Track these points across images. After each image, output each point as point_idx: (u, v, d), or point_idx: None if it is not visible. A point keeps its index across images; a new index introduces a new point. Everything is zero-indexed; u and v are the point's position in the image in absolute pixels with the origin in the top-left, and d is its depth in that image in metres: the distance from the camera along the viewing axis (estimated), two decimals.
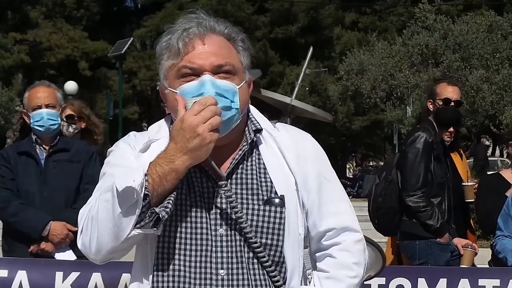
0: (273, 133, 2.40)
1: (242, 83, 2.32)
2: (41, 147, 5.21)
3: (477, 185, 5.90)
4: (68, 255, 5.09)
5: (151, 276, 2.27)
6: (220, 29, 2.34)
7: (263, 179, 2.33)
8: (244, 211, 2.28)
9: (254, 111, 2.44)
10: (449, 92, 5.77)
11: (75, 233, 5.05)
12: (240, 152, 2.33)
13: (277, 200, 2.30)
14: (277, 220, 2.29)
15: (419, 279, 4.37)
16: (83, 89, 35.85)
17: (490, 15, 26.37)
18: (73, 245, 5.12)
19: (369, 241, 2.52)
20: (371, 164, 43.97)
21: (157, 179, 2.16)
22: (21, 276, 4.40)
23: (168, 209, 2.17)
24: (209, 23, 2.33)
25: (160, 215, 2.16)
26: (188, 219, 2.26)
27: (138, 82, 41.39)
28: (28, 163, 5.16)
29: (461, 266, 5.48)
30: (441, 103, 5.74)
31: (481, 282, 4.40)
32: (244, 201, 2.29)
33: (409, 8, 36.18)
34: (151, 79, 41.96)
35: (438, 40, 25.98)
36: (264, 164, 2.35)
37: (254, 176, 2.33)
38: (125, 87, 37.45)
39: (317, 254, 2.43)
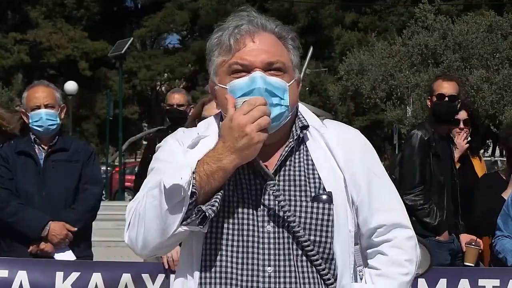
0: (320, 129, 2.39)
1: (292, 81, 2.33)
2: (40, 147, 5.21)
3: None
4: (68, 255, 5.08)
5: (197, 272, 2.27)
6: (271, 27, 2.35)
7: (311, 176, 2.32)
8: (292, 208, 2.27)
9: (302, 108, 2.44)
10: (443, 87, 5.81)
11: (74, 233, 5.06)
12: (287, 148, 2.33)
13: (324, 197, 2.29)
14: (325, 217, 2.28)
15: (419, 279, 4.36)
16: (83, 89, 35.87)
17: (490, 15, 26.34)
18: (72, 245, 5.12)
19: (418, 239, 2.51)
20: None
21: (204, 177, 2.17)
22: (22, 276, 4.40)
23: (214, 208, 2.17)
24: (260, 21, 2.34)
25: (207, 213, 2.16)
26: (235, 215, 2.26)
27: (138, 82, 41.39)
28: (27, 163, 5.14)
29: (464, 263, 5.49)
30: (435, 99, 5.79)
31: (481, 282, 4.40)
32: (292, 197, 2.29)
33: (409, 8, 36.14)
34: (151, 79, 41.99)
35: (438, 40, 25.98)
36: (312, 160, 2.34)
37: (302, 173, 2.32)
38: (125, 87, 37.45)
39: (368, 251, 2.42)
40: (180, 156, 2.30)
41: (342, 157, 2.35)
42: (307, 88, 36.01)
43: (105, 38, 39.63)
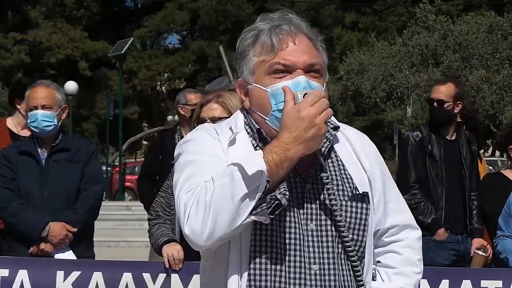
0: (345, 131, 2.44)
1: (325, 84, 2.36)
2: (42, 147, 5.19)
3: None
4: (68, 256, 5.06)
5: (246, 272, 2.27)
6: (306, 29, 2.36)
7: (344, 176, 2.36)
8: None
9: None
10: (434, 92, 5.89)
11: (74, 234, 5.04)
12: (323, 149, 2.35)
13: (361, 197, 2.35)
14: (363, 216, 2.33)
15: (421, 280, 4.35)
16: (83, 89, 35.85)
17: (490, 15, 26.37)
18: (73, 246, 5.10)
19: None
20: None
21: (273, 167, 2.17)
22: (22, 275, 4.40)
23: (287, 196, 2.18)
24: (297, 21, 2.35)
25: (282, 201, 2.16)
26: (279, 214, 2.25)
27: (138, 82, 41.40)
28: (29, 163, 5.13)
29: (471, 267, 5.49)
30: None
31: (484, 283, 4.39)
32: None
33: (409, 8, 36.17)
34: (151, 79, 41.98)
35: (438, 40, 26.01)
36: (341, 161, 2.38)
37: (337, 173, 2.35)
38: (125, 87, 37.44)
39: (376, 250, 2.47)
40: (220, 151, 2.29)
41: (364, 158, 2.41)
42: None
43: (105, 38, 39.62)
